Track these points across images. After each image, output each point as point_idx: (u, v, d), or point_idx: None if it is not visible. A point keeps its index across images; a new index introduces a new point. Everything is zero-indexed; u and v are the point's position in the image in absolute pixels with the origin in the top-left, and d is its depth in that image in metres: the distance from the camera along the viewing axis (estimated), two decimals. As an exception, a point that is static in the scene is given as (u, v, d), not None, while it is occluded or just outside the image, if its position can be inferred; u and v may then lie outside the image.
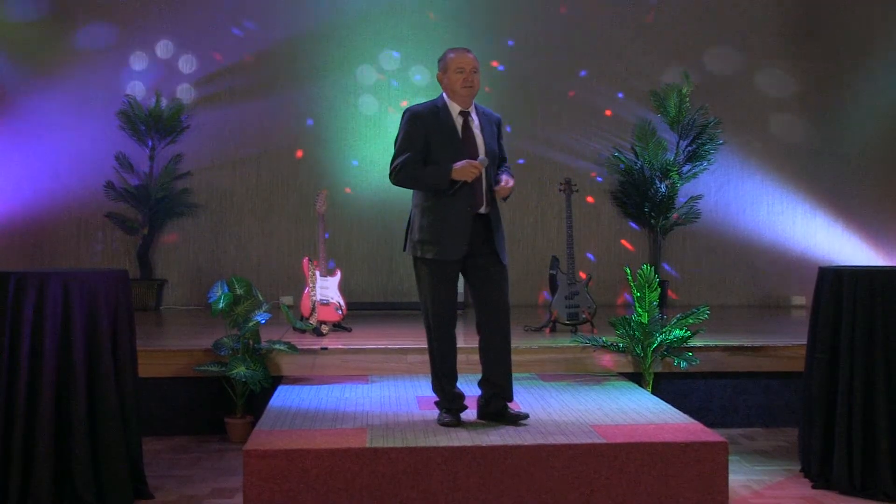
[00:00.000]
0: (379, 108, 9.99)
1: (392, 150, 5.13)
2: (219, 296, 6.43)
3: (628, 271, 6.69)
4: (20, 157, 9.68)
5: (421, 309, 5.18)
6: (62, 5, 9.74)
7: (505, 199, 5.11)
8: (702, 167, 9.80)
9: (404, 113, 5.11)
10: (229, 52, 9.89)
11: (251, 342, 6.44)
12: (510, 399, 5.15)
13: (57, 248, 9.76)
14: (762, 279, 10.13)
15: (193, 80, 9.88)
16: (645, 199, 9.77)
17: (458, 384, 5.23)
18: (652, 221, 9.84)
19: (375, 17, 9.97)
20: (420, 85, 9.96)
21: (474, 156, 4.97)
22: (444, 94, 5.09)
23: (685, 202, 9.85)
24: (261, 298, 6.60)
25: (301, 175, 9.94)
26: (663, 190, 9.66)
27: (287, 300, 9.83)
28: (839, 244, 10.11)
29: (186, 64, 9.88)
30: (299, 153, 9.95)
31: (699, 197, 9.89)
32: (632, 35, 10.08)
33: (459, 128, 5.03)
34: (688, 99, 9.77)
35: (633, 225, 10.08)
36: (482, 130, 5.06)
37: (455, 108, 5.05)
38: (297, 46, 9.93)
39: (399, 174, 5.02)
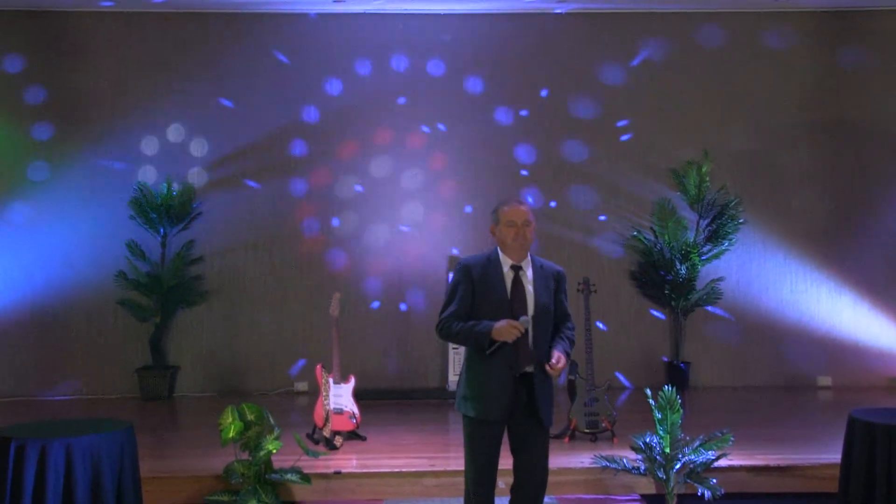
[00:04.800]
0: (394, 188, 9.84)
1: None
2: (229, 424, 6.29)
3: (649, 393, 6.48)
4: (32, 246, 9.60)
5: (464, 464, 4.99)
6: (70, 92, 9.65)
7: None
8: (723, 248, 9.59)
9: (456, 264, 4.98)
10: (240, 134, 9.77)
11: (263, 468, 6.29)
12: (528, 557, 4.96)
13: (68, 336, 9.65)
14: (786, 360, 9.87)
15: (205, 163, 9.77)
16: (665, 281, 9.57)
17: None
18: (672, 303, 9.63)
19: (390, 100, 9.85)
20: (432, 166, 9.86)
21: (522, 312, 4.79)
22: (498, 247, 4.95)
23: (706, 285, 9.63)
24: (272, 423, 6.44)
25: (314, 258, 9.80)
26: (683, 272, 9.46)
27: (301, 386, 9.72)
28: (866, 323, 9.85)
29: (197, 147, 9.77)
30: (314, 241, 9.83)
31: (720, 279, 9.67)
32: (650, 113, 9.89)
33: (509, 283, 4.85)
34: (707, 177, 9.58)
35: (653, 312, 9.87)
36: (535, 285, 4.88)
37: (507, 262, 4.89)
38: (308, 129, 9.81)
39: (442, 329, 4.89)
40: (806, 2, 9.54)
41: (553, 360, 4.77)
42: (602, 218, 9.87)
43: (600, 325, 9.76)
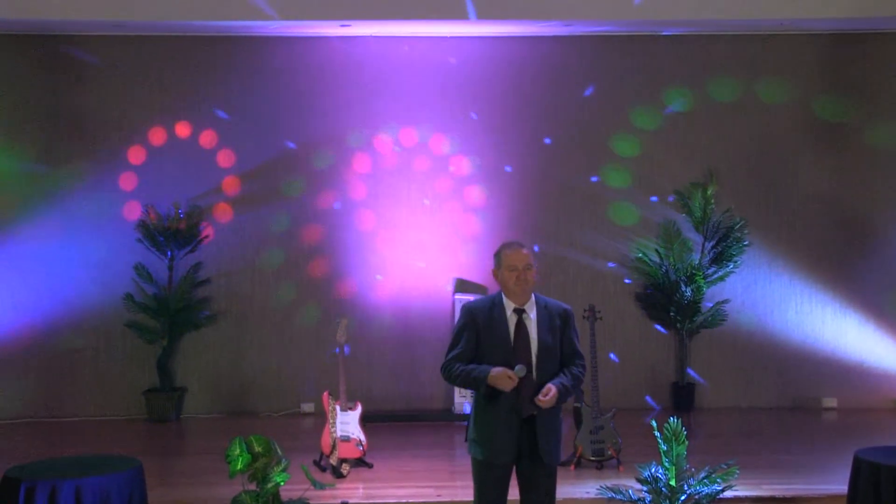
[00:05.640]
0: (399, 210, 9.87)
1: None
2: (236, 456, 6.31)
3: (654, 424, 6.50)
4: (41, 269, 9.64)
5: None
6: (79, 115, 9.71)
7: (553, 407, 4.87)
8: (728, 269, 9.61)
9: (462, 307, 5.04)
10: (247, 157, 9.82)
11: (271, 499, 6.32)
12: None
13: (76, 358, 9.68)
14: (792, 381, 9.88)
15: (212, 186, 9.80)
16: (670, 303, 9.59)
17: None
18: (678, 325, 9.66)
19: (397, 123, 9.90)
20: (441, 189, 9.91)
21: (526, 356, 4.84)
22: (501, 291, 4.99)
23: (711, 307, 9.66)
24: (280, 454, 6.47)
25: (321, 278, 9.84)
26: (689, 294, 9.49)
27: (308, 407, 9.76)
28: (871, 344, 9.85)
29: (205, 170, 9.79)
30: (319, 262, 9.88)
31: (726, 301, 9.71)
32: (655, 134, 9.91)
33: (512, 326, 4.90)
34: (713, 200, 9.60)
35: (659, 332, 9.90)
36: (539, 327, 4.91)
37: (510, 306, 4.93)
38: (315, 152, 9.85)
39: (445, 371, 4.96)
40: (810, 25, 9.55)
41: (541, 393, 4.80)
42: (607, 239, 9.89)
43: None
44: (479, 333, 4.90)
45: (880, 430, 8.95)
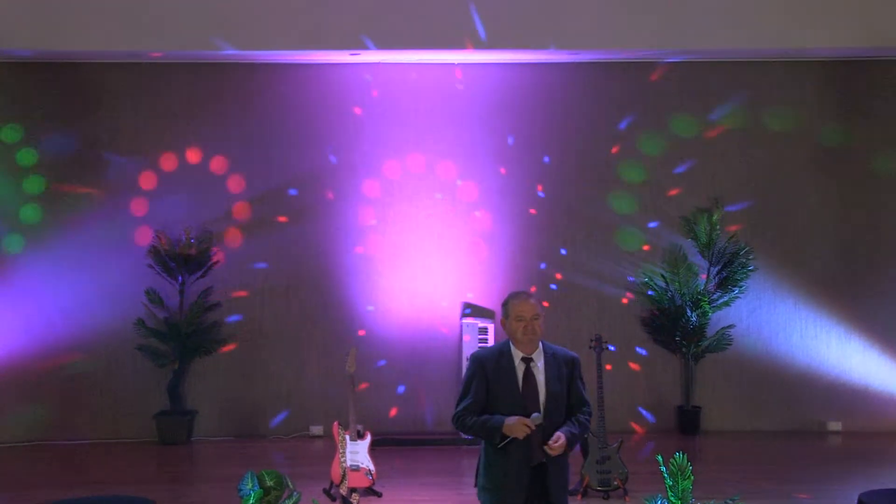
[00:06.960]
0: (408, 235, 9.97)
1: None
2: (248, 490, 6.41)
3: (660, 459, 6.58)
4: (53, 294, 9.76)
5: None
6: (91, 141, 9.83)
7: (561, 454, 4.93)
8: (733, 295, 9.69)
9: (470, 356, 5.12)
10: (257, 182, 9.92)
11: (282, 533, 6.41)
12: None
13: (88, 382, 9.79)
14: (797, 405, 9.95)
15: (222, 211, 9.90)
16: (676, 328, 9.67)
17: None
18: (683, 349, 9.74)
19: (406, 147, 10.00)
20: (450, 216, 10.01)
21: (534, 404, 4.91)
22: (509, 340, 5.08)
23: (717, 332, 9.74)
24: (291, 487, 6.56)
25: (330, 302, 9.93)
26: (694, 319, 9.57)
27: (317, 430, 9.85)
28: (876, 368, 9.92)
29: (215, 196, 9.90)
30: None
31: (731, 326, 9.79)
32: (661, 160, 10.00)
33: (521, 375, 4.98)
34: (718, 225, 9.68)
35: (664, 358, 9.98)
36: (547, 375, 5.00)
37: (518, 354, 5.02)
38: (325, 177, 9.95)
39: (458, 422, 5.02)
40: (817, 52, 9.62)
41: (551, 441, 4.88)
42: (613, 264, 9.97)
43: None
44: (488, 383, 4.98)
45: (885, 456, 9.02)
